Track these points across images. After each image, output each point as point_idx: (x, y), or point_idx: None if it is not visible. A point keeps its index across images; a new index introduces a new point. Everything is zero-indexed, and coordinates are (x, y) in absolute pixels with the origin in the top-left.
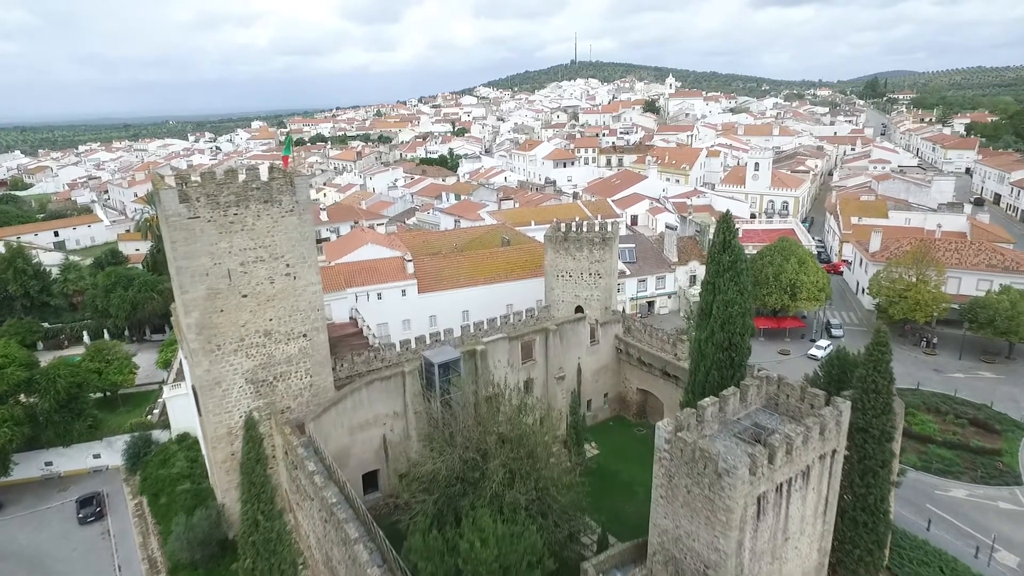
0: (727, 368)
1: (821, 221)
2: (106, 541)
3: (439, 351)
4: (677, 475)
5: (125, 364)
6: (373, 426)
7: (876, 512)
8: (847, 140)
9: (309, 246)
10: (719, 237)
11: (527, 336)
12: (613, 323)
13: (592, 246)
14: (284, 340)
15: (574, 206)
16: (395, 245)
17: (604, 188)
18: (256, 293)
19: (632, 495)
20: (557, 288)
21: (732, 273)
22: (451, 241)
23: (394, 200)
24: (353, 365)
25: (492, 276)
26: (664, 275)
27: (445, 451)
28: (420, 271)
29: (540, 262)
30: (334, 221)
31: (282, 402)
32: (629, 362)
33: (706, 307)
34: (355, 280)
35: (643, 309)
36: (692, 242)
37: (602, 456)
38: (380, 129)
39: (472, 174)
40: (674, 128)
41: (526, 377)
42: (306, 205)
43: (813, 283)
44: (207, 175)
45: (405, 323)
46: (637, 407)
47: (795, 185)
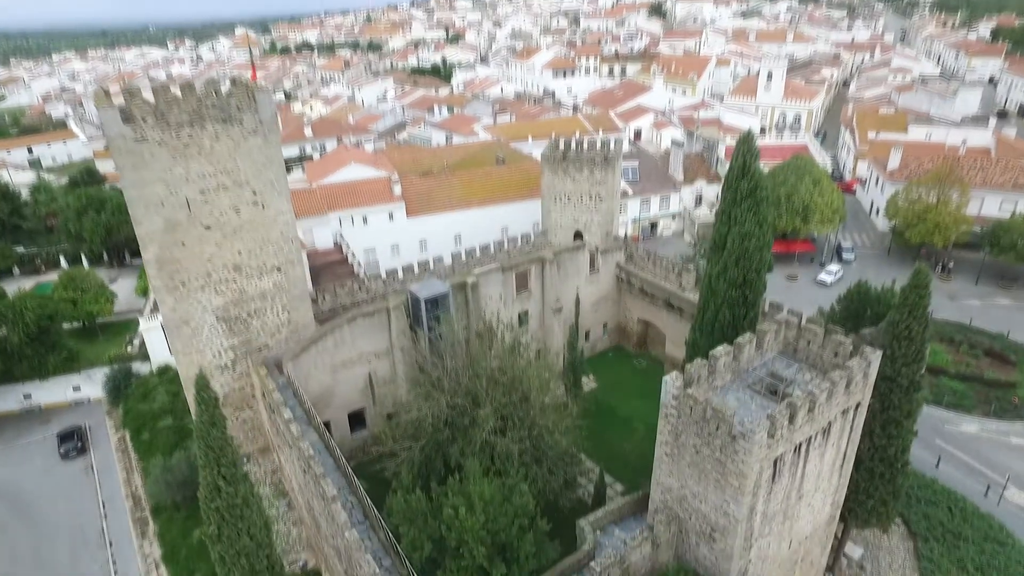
0: (739, 306)
1: (835, 135)
2: (89, 477)
3: (426, 285)
4: (685, 433)
5: (101, 293)
6: (357, 364)
7: (895, 463)
8: (865, 47)
9: (277, 171)
10: (738, 161)
11: (522, 266)
12: (614, 250)
13: (593, 167)
14: (256, 275)
15: (574, 120)
16: (381, 164)
17: (606, 100)
18: (220, 224)
19: (631, 431)
20: (555, 212)
21: (751, 202)
22: (442, 159)
23: (383, 114)
24: (336, 298)
25: (486, 198)
26: (669, 195)
27: (432, 396)
28: (408, 193)
29: (537, 182)
30: (319, 137)
31: (258, 340)
32: (630, 291)
33: (719, 239)
34: (338, 203)
35: (645, 231)
36: (699, 159)
37: (600, 390)
38: (370, 36)
39: (467, 84)
40: (681, 34)
41: (521, 309)
42: (271, 125)
43: (827, 205)
44: (159, 90)
45: (394, 249)
46: (638, 338)
47: (809, 97)
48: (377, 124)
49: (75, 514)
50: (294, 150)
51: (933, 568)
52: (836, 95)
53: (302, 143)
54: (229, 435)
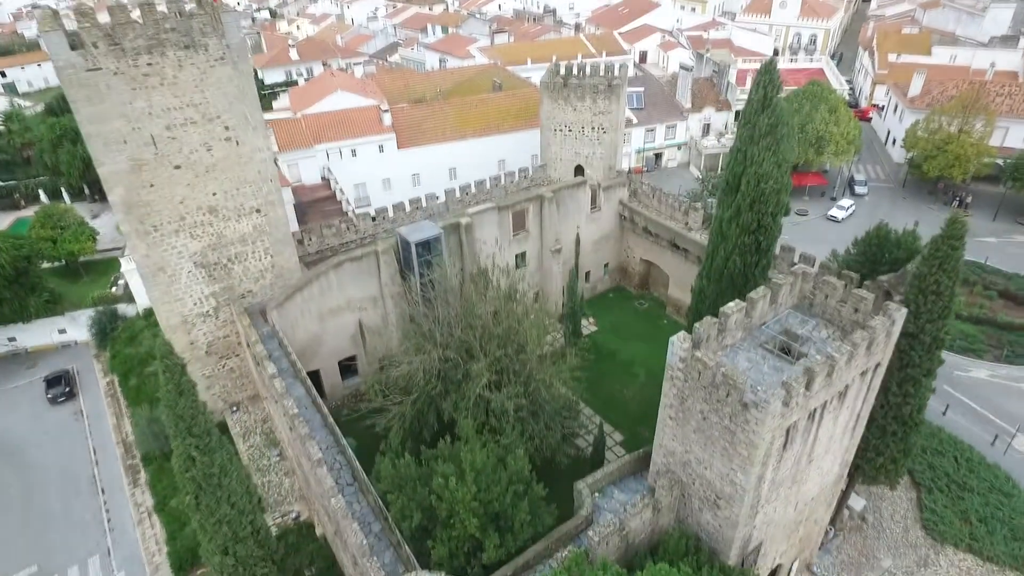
0: (752, 254)
1: (851, 58)
2: (79, 423)
3: (416, 227)
4: (692, 398)
5: (82, 231)
6: (346, 311)
7: (908, 422)
8: None
9: (251, 104)
10: (758, 92)
11: (519, 205)
12: (617, 187)
13: (596, 95)
14: (234, 217)
15: (576, 41)
16: (370, 92)
17: (610, 18)
18: (191, 163)
19: (632, 377)
20: (554, 144)
21: (770, 140)
22: (436, 84)
23: (374, 34)
24: (323, 239)
25: (482, 128)
26: (675, 124)
27: (424, 348)
28: (399, 123)
29: (536, 111)
30: (306, 59)
31: (241, 286)
32: (633, 230)
33: (732, 180)
34: (325, 135)
35: (650, 162)
36: (708, 85)
37: (600, 333)
38: None
39: (462, 1)
40: None
41: (518, 251)
42: (241, 51)
43: (843, 135)
44: (115, 8)
45: (385, 183)
46: (640, 278)
47: (827, 15)
48: (367, 45)
49: (66, 461)
50: (280, 75)
51: (936, 519)
52: (855, 12)
53: (288, 67)
54: (200, 401)
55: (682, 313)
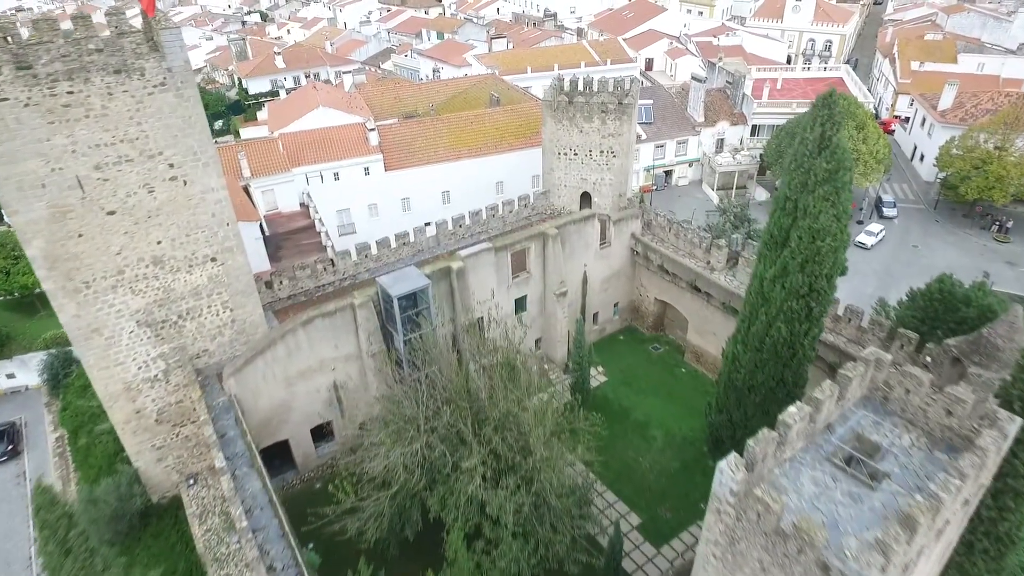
0: (800, 321)
1: (866, 64)
2: (21, 488)
3: (400, 276)
4: (746, 542)
5: None
6: (319, 373)
7: (1005, 540)
8: None
9: (200, 136)
10: (814, 130)
11: (519, 244)
12: (629, 219)
13: (605, 115)
14: (184, 268)
15: (578, 48)
16: (355, 107)
17: (614, 23)
18: (129, 208)
19: (648, 442)
20: (558, 169)
21: (830, 190)
22: (428, 97)
23: (367, 39)
24: (296, 282)
25: (478, 147)
26: (686, 139)
27: (405, 435)
28: (387, 142)
29: (537, 127)
30: (292, 67)
31: (195, 344)
32: (647, 267)
33: (779, 233)
34: (303, 156)
35: (659, 180)
36: (721, 96)
37: (610, 385)
38: None
39: (459, 4)
40: None
41: (518, 295)
42: (186, 74)
43: (871, 153)
44: (41, 23)
45: (371, 208)
46: (654, 319)
47: (843, 19)
48: (359, 51)
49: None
50: (265, 84)
51: None
52: (867, 16)
53: (274, 75)
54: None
55: (702, 361)
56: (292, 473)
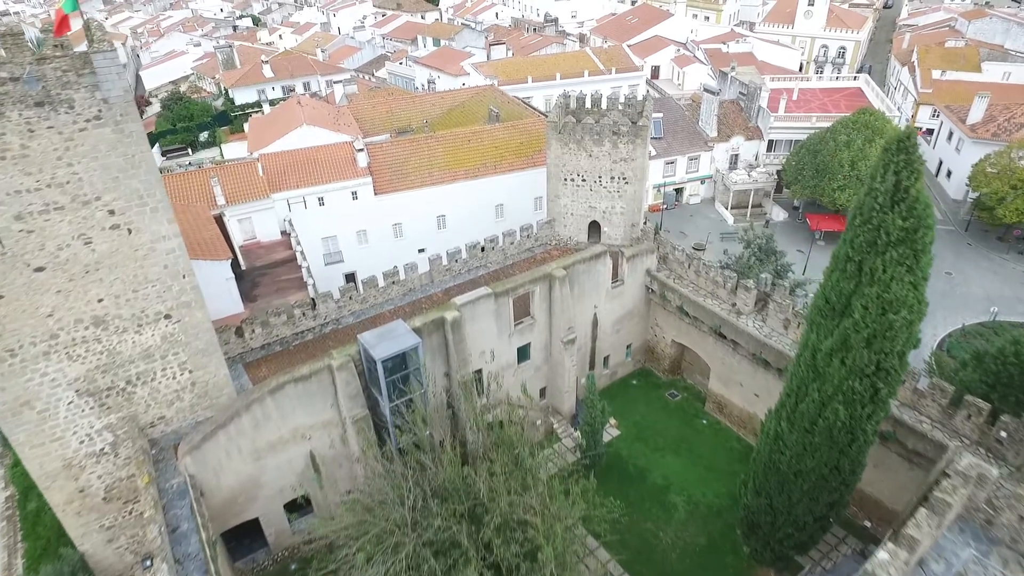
0: (863, 404)
1: (880, 70)
2: None
3: (385, 334)
4: None
5: None
6: (292, 443)
7: None
8: None
9: (148, 177)
10: (886, 180)
11: (522, 288)
12: (644, 255)
13: (617, 138)
14: (132, 327)
15: (581, 55)
16: (343, 124)
17: (618, 29)
18: (61, 263)
19: (668, 511)
20: (564, 196)
21: (906, 252)
22: (423, 109)
23: (360, 45)
24: (270, 329)
25: (476, 167)
26: (698, 154)
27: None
28: (378, 163)
29: (540, 144)
30: (281, 77)
31: (149, 412)
32: (664, 307)
33: (837, 299)
34: (285, 180)
35: (669, 198)
36: (735, 108)
37: (624, 440)
38: None
39: (456, 8)
40: None
41: (521, 342)
42: (126, 105)
43: None
44: None
45: (360, 235)
46: (671, 362)
47: (856, 25)
48: (352, 59)
49: None
50: (252, 94)
51: None
52: (878, 20)
53: (261, 85)
54: None
55: (726, 412)
56: (263, 552)
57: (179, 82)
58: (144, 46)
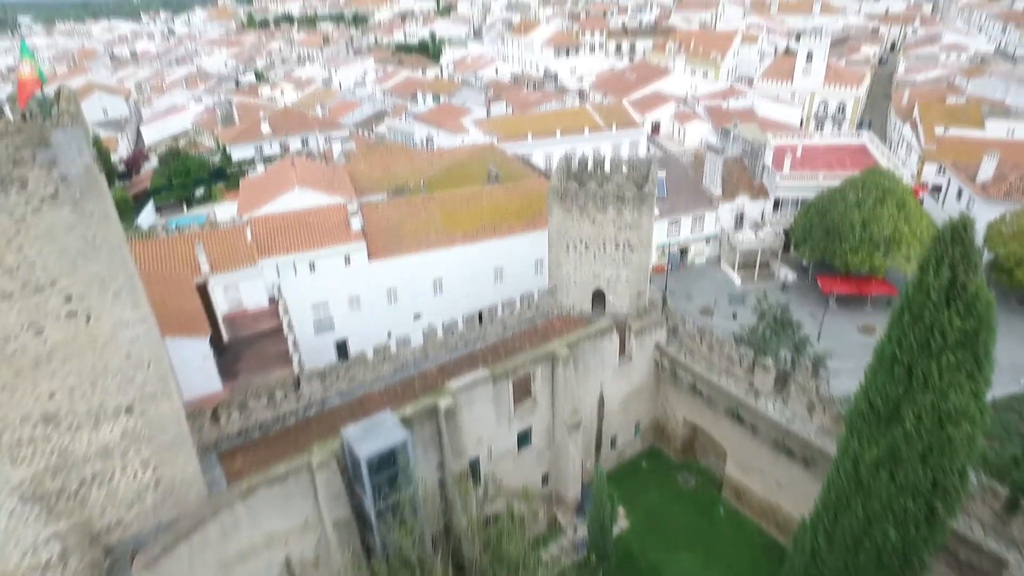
0: (918, 525)
1: (880, 125)
2: None
3: (371, 428)
4: None
5: None
6: (264, 551)
7: None
8: (902, 20)
9: (111, 259)
10: (940, 274)
11: (522, 369)
12: (652, 328)
13: (621, 204)
14: (88, 424)
15: (581, 112)
16: (338, 185)
17: (617, 84)
18: (7, 356)
19: None
20: (567, 264)
21: (965, 357)
22: (421, 167)
23: (361, 101)
24: (248, 413)
25: (475, 229)
26: (703, 214)
27: None
28: (372, 226)
29: (541, 205)
30: (279, 133)
31: (105, 516)
32: (675, 384)
33: (884, 404)
34: (275, 245)
35: (674, 259)
36: (738, 166)
37: (634, 532)
38: (356, 7)
39: (457, 64)
40: (695, 4)
41: (521, 427)
42: (88, 183)
43: (915, 235)
44: None
45: (352, 302)
46: (683, 442)
47: (855, 81)
48: (352, 114)
49: None
50: (249, 150)
51: None
52: (876, 76)
53: (259, 141)
54: None
55: (745, 501)
56: None
57: (178, 137)
58: (146, 101)
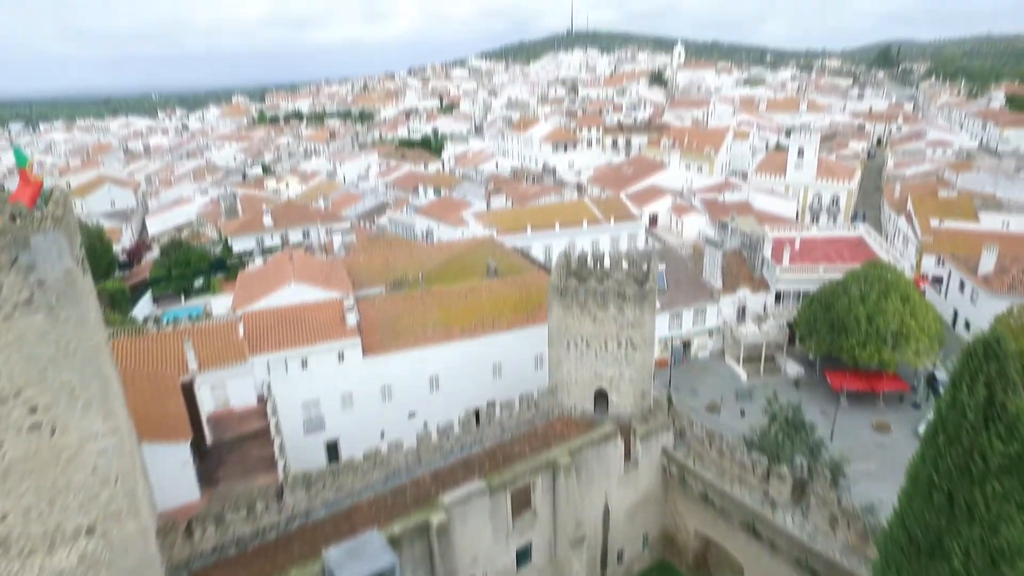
0: None
1: (874, 217)
2: None
3: (355, 551)
4: None
5: None
6: None
7: None
8: (885, 117)
9: (84, 368)
10: (976, 391)
11: (520, 480)
12: (658, 431)
13: (623, 302)
14: (43, 548)
15: (579, 205)
16: (335, 280)
17: (614, 178)
18: None
19: None
20: (567, 362)
21: (1013, 483)
22: (420, 260)
23: (363, 194)
24: (225, 527)
25: (472, 325)
26: (704, 307)
27: None
28: (368, 321)
29: (541, 300)
30: (281, 226)
31: None
32: (684, 492)
33: (924, 535)
34: (266, 341)
35: (677, 353)
36: (737, 259)
37: None
38: (363, 105)
39: (458, 158)
40: (686, 103)
41: (520, 543)
42: (66, 288)
43: (922, 329)
44: None
45: (345, 400)
46: (695, 556)
47: (847, 175)
48: (354, 207)
49: None
50: (250, 242)
51: None
52: (865, 170)
53: (261, 234)
54: None
55: None
56: None
57: (182, 228)
58: (154, 192)
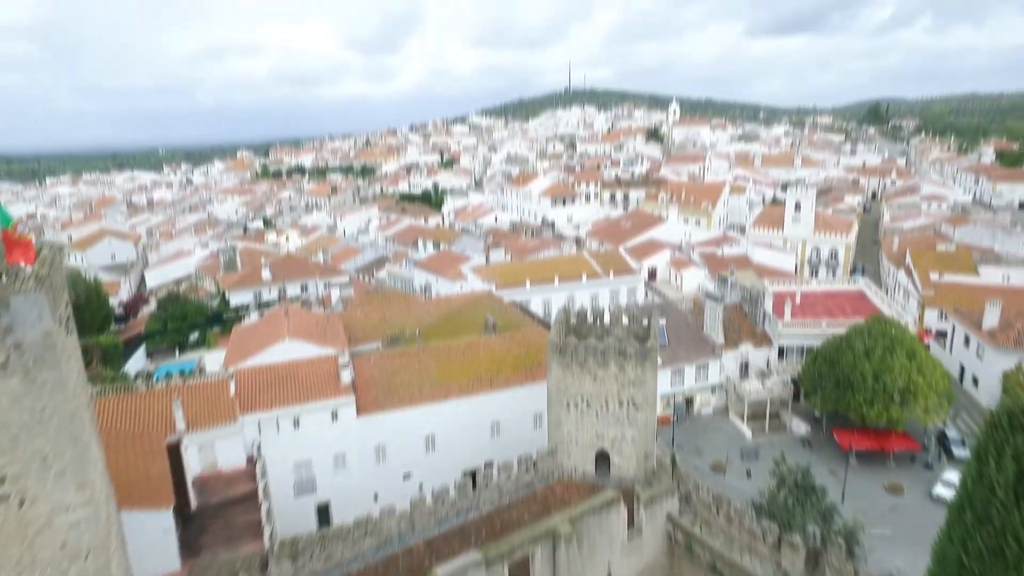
0: None
1: (872, 271)
2: None
3: None
4: None
5: None
6: None
7: None
8: (878, 172)
9: (59, 435)
10: (1005, 465)
11: (519, 551)
12: (663, 497)
13: (624, 360)
14: None
15: (578, 259)
16: (331, 335)
17: (612, 232)
18: None
19: None
20: (567, 423)
21: None
22: (418, 315)
23: (363, 247)
24: None
25: (470, 382)
26: (706, 363)
27: None
28: (363, 378)
29: (540, 356)
30: (279, 279)
31: None
32: (691, 561)
33: None
34: (258, 400)
35: (679, 410)
36: (739, 313)
37: None
38: (364, 160)
39: (458, 213)
40: (682, 158)
41: None
42: (45, 351)
43: (930, 386)
44: None
45: (337, 460)
46: None
47: (844, 229)
48: (353, 260)
49: None
50: (248, 296)
51: None
52: (862, 223)
53: (259, 287)
54: None
55: None
56: None
57: (181, 281)
58: (155, 246)
